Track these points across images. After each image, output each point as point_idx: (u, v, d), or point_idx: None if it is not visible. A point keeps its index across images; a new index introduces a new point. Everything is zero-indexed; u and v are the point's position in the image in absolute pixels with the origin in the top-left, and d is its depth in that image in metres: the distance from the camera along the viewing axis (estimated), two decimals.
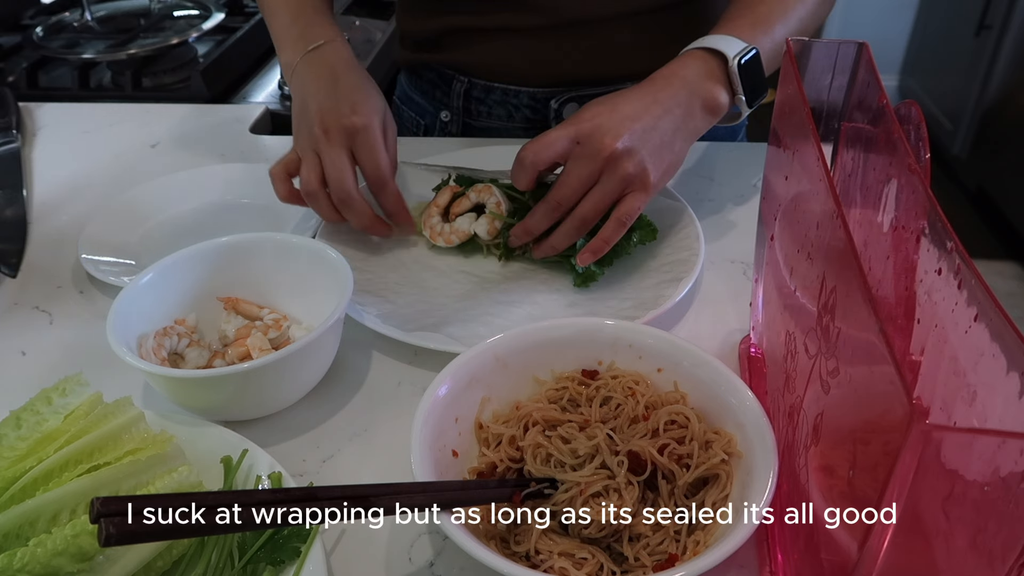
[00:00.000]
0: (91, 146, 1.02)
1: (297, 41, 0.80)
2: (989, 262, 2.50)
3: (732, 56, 0.72)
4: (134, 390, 0.64)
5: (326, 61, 0.78)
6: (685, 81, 0.72)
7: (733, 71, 0.72)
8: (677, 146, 0.72)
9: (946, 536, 0.33)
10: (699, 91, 0.72)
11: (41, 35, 1.38)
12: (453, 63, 0.97)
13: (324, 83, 0.76)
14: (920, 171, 0.43)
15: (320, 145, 0.73)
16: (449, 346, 0.65)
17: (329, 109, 0.74)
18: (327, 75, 0.77)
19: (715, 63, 0.73)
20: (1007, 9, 2.51)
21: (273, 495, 0.44)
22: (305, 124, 0.76)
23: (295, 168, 0.76)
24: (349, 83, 0.76)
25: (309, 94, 0.76)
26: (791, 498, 0.48)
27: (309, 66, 0.78)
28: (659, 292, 0.71)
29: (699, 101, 0.72)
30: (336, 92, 0.75)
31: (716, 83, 0.72)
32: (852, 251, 0.37)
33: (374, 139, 0.74)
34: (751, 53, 0.72)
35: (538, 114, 0.96)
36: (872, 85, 0.50)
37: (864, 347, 0.35)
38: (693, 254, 0.74)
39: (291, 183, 0.77)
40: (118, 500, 0.37)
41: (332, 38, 0.80)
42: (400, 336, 0.67)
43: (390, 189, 0.76)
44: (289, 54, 0.80)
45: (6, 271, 0.79)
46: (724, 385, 0.55)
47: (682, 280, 0.71)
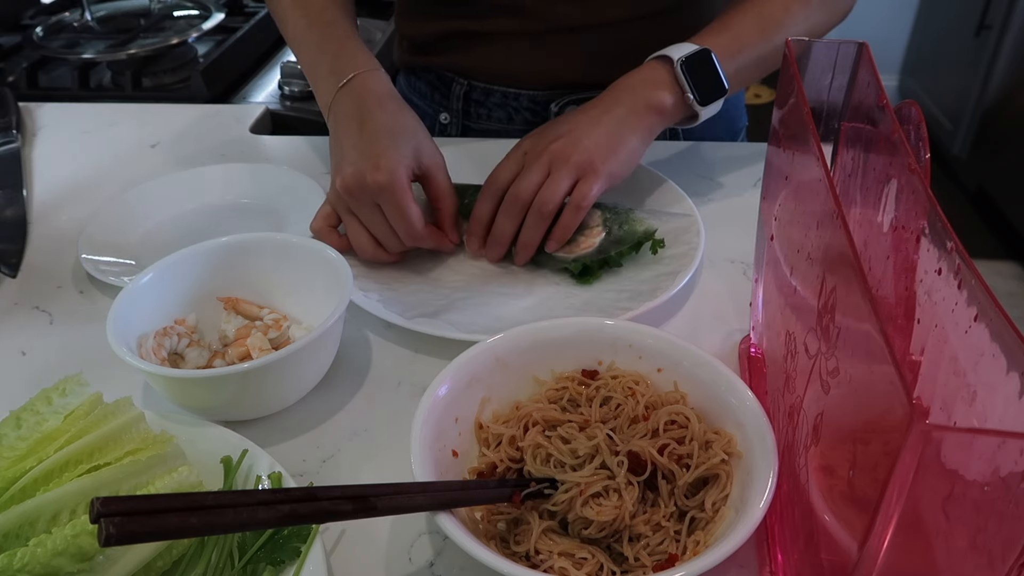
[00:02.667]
0: (91, 146, 1.02)
1: (328, 77, 0.77)
2: (989, 262, 2.50)
3: (676, 59, 0.75)
4: (134, 390, 0.64)
5: (355, 98, 0.75)
6: (629, 88, 0.77)
7: (678, 72, 0.75)
8: (625, 138, 0.74)
9: (946, 536, 0.33)
10: (642, 94, 0.75)
11: (41, 35, 1.38)
12: (452, 66, 0.97)
13: (352, 127, 0.73)
14: (920, 171, 0.43)
15: (352, 205, 0.72)
16: (448, 333, 0.67)
17: (354, 164, 0.71)
18: (355, 116, 0.74)
19: (662, 68, 0.76)
20: (1007, 9, 2.51)
21: (273, 495, 0.44)
22: (335, 171, 0.74)
23: (335, 220, 0.75)
24: (374, 127, 0.73)
25: (340, 138, 0.74)
26: (791, 498, 0.48)
27: (341, 105, 0.76)
28: (656, 285, 0.72)
29: (642, 103, 0.75)
30: (361, 141, 0.72)
31: (660, 86, 0.76)
32: (852, 251, 0.37)
33: (399, 195, 0.70)
34: (701, 54, 0.75)
35: (538, 116, 0.96)
36: (872, 85, 0.50)
37: (864, 347, 0.35)
38: (692, 248, 0.75)
39: (336, 233, 0.76)
40: (118, 500, 0.37)
41: (361, 68, 0.76)
42: (401, 322, 0.68)
43: (427, 235, 0.74)
44: (323, 93, 0.78)
45: (6, 271, 0.79)
46: (724, 385, 0.55)
47: (679, 273, 0.72)
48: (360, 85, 0.76)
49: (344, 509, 0.44)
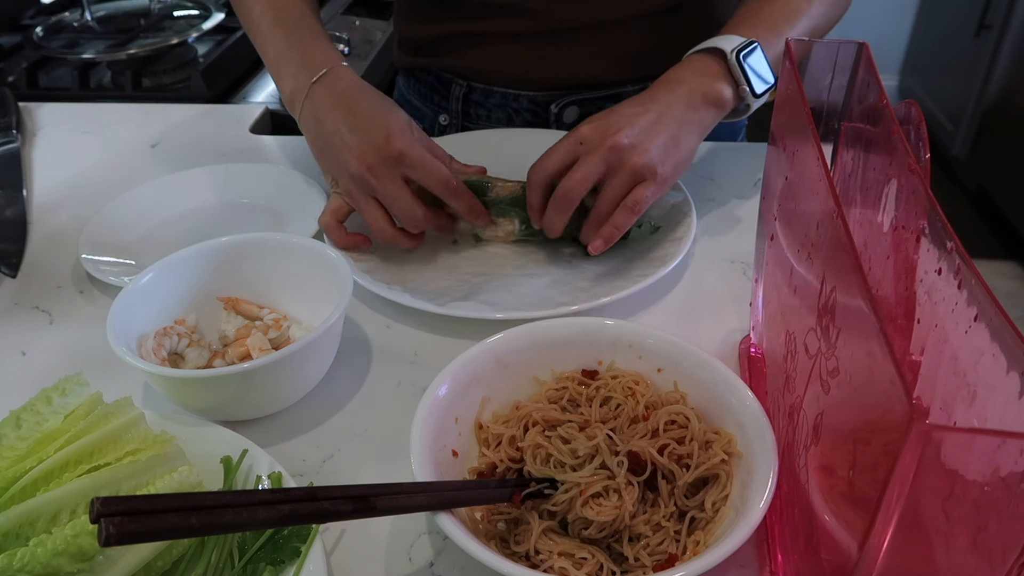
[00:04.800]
0: (91, 146, 1.02)
1: (299, 71, 0.76)
2: (989, 262, 2.50)
3: (730, 50, 0.73)
4: (134, 390, 0.64)
5: (336, 90, 0.74)
6: (682, 81, 0.74)
7: (732, 63, 0.73)
8: (683, 140, 0.72)
9: (946, 536, 0.33)
10: (698, 87, 0.73)
11: (41, 35, 1.38)
12: (452, 67, 0.97)
13: (341, 115, 0.72)
14: (920, 171, 0.43)
15: (372, 184, 0.71)
16: (486, 314, 0.68)
17: (362, 143, 0.71)
18: (342, 105, 0.73)
19: (713, 60, 0.74)
20: (1007, 9, 2.51)
21: (273, 495, 0.44)
22: (336, 164, 0.73)
23: (344, 214, 0.75)
24: (368, 108, 0.73)
25: (329, 131, 0.73)
26: (791, 498, 0.48)
27: (319, 98, 0.74)
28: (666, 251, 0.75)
29: (699, 96, 0.73)
30: (359, 122, 0.72)
31: (715, 78, 0.73)
32: (852, 251, 0.37)
33: (421, 155, 0.71)
34: (751, 45, 0.74)
35: (538, 118, 0.96)
36: (872, 85, 0.50)
37: (864, 347, 0.35)
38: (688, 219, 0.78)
39: (343, 229, 0.75)
40: (118, 500, 0.37)
41: (334, 63, 0.76)
42: (434, 309, 0.69)
43: (462, 191, 0.74)
44: (289, 84, 0.77)
45: (6, 271, 0.79)
46: (724, 385, 0.55)
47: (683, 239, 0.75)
48: (335, 78, 0.75)
49: (344, 509, 0.44)
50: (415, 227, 0.74)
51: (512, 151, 0.83)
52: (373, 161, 0.70)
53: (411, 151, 0.70)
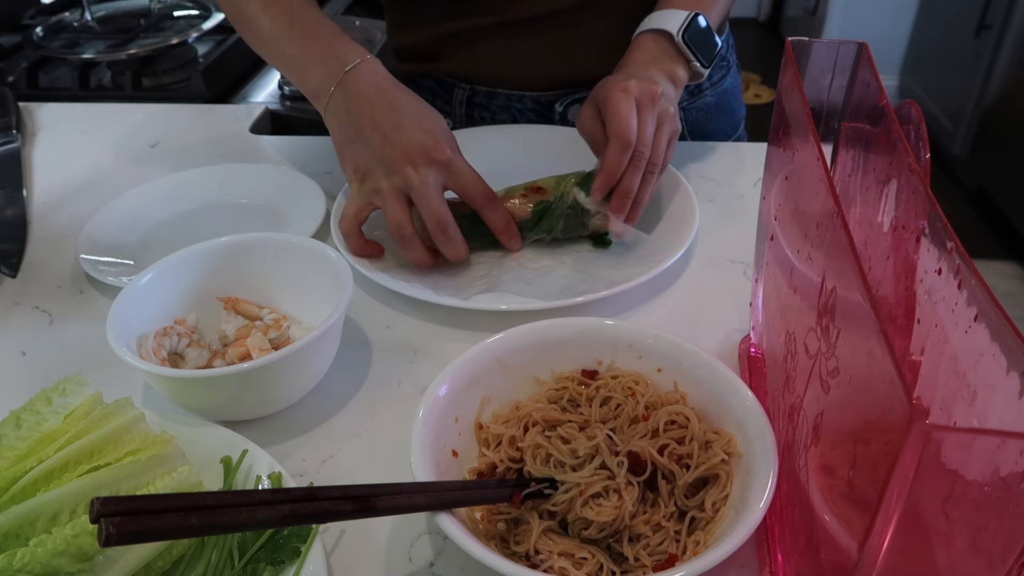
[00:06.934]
0: (91, 146, 1.02)
1: (327, 59, 0.73)
2: (989, 262, 2.50)
3: (676, 31, 0.77)
4: (134, 390, 0.64)
5: (371, 81, 0.72)
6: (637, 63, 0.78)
7: (680, 44, 0.77)
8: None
9: (946, 536, 0.33)
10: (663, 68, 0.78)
11: (41, 35, 1.38)
12: (452, 71, 0.97)
13: (381, 110, 0.70)
14: (920, 171, 0.43)
15: (412, 183, 0.69)
16: (517, 305, 0.69)
17: (411, 143, 0.69)
18: (382, 99, 0.71)
19: (664, 42, 0.78)
20: (1007, 9, 2.51)
21: (273, 495, 0.44)
22: (371, 156, 0.71)
23: (364, 218, 0.73)
24: (412, 108, 0.71)
25: (364, 122, 0.70)
26: (791, 498, 0.48)
27: (352, 88, 0.72)
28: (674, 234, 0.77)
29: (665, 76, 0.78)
30: (404, 120, 0.70)
31: (670, 61, 0.78)
32: (852, 251, 0.37)
33: (467, 165, 0.71)
34: (692, 21, 0.77)
35: (542, 118, 0.96)
36: (872, 85, 0.50)
37: (864, 347, 0.35)
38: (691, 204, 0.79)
39: (363, 236, 0.74)
40: (118, 500, 0.37)
41: (364, 55, 0.73)
42: (459, 304, 0.69)
43: (500, 205, 0.74)
44: (318, 72, 0.74)
45: (6, 271, 0.79)
46: (724, 385, 0.55)
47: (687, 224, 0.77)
48: (369, 70, 0.73)
49: (344, 509, 0.44)
50: (441, 231, 0.71)
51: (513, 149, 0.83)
52: (420, 162, 0.69)
53: (458, 159, 0.71)
